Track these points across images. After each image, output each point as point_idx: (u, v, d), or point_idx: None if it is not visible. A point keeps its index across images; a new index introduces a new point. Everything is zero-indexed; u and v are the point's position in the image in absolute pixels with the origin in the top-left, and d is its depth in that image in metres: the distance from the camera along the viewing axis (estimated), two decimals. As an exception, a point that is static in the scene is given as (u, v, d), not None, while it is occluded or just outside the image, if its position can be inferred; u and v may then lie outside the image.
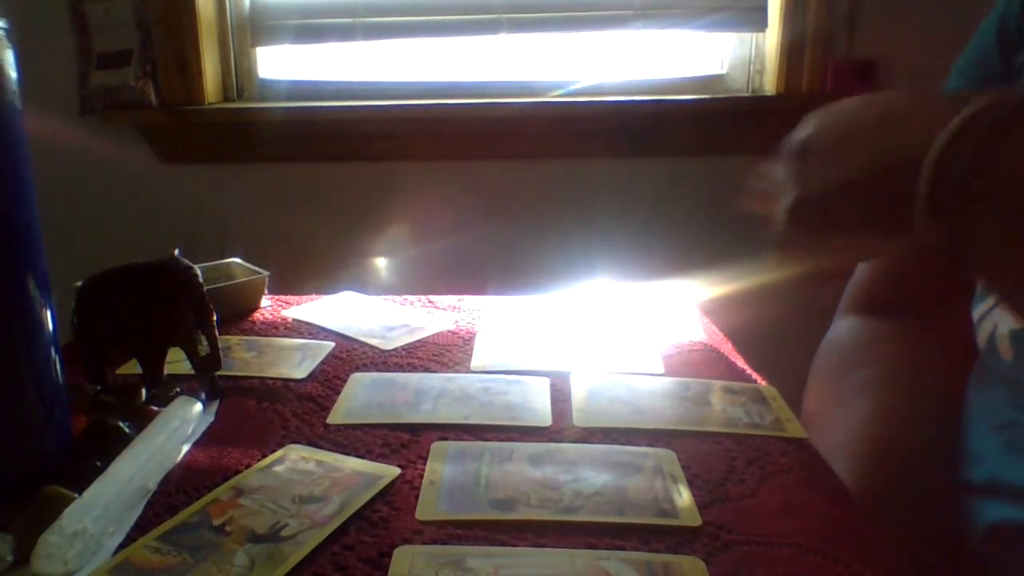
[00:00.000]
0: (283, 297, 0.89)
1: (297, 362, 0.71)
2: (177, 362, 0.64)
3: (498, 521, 0.47)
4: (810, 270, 0.48)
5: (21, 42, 0.47)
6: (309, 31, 1.47)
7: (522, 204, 1.50)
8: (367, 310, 0.86)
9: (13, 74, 0.46)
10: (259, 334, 0.78)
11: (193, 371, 0.63)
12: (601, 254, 1.47)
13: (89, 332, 0.60)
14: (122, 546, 0.44)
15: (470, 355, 0.73)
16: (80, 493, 0.46)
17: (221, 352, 0.63)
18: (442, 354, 0.73)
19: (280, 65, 1.54)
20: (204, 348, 0.62)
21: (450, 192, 1.51)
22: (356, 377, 0.68)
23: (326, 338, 0.77)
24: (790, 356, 0.81)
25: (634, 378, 0.68)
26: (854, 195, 0.42)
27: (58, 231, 1.34)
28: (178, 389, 0.62)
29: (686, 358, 0.73)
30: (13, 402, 0.48)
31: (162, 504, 0.49)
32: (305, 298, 0.89)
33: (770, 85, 1.44)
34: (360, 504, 0.48)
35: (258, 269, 0.87)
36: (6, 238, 0.46)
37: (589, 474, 0.52)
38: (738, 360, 0.74)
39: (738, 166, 1.70)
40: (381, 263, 1.53)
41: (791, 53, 1.40)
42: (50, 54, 1.42)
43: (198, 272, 0.62)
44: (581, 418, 0.60)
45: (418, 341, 0.77)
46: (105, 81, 1.43)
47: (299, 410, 0.62)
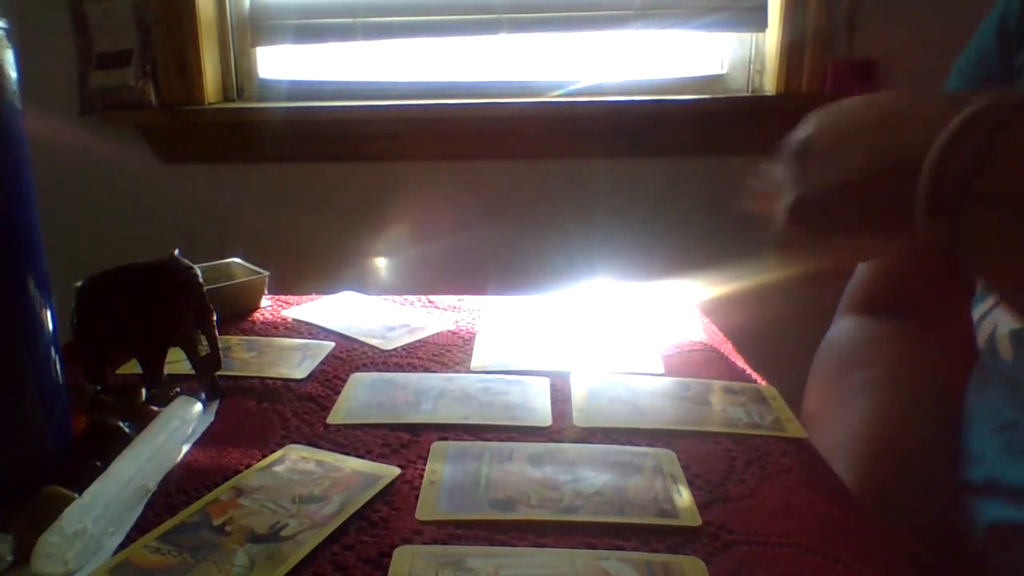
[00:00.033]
0: (283, 297, 0.89)
1: (297, 362, 0.71)
2: (177, 362, 0.64)
3: (498, 521, 0.47)
4: (810, 270, 0.48)
5: (21, 42, 0.47)
6: (309, 31, 1.47)
7: (522, 204, 1.50)
8: (367, 310, 0.86)
9: (13, 74, 0.46)
10: (259, 334, 0.78)
11: (193, 371, 0.63)
12: (601, 254, 1.47)
13: (89, 332, 0.60)
14: (122, 546, 0.45)
15: (470, 355, 0.73)
16: (80, 493, 0.46)
17: (221, 352, 0.63)
18: (442, 354, 0.73)
19: (280, 65, 1.54)
20: (204, 348, 0.62)
21: (450, 192, 1.51)
22: (356, 377, 0.68)
23: (326, 338, 0.77)
24: (790, 356, 0.81)
25: (634, 378, 0.68)
26: (854, 195, 0.43)
27: (58, 231, 1.34)
28: (178, 389, 0.62)
29: (686, 358, 0.73)
30: (13, 402, 0.48)
31: (162, 504, 0.49)
32: (305, 298, 0.89)
33: (770, 85, 1.44)
34: (360, 504, 0.48)
35: (258, 269, 0.87)
36: (6, 238, 0.47)
37: (589, 474, 0.52)
38: (738, 360, 0.74)
39: (738, 166, 1.70)
40: (381, 263, 1.53)
41: (791, 53, 1.40)
42: (50, 54, 1.42)
43: (198, 272, 0.62)
44: (581, 418, 0.60)
45: (418, 341, 0.77)
46: (105, 81, 1.43)
47: (299, 410, 0.62)
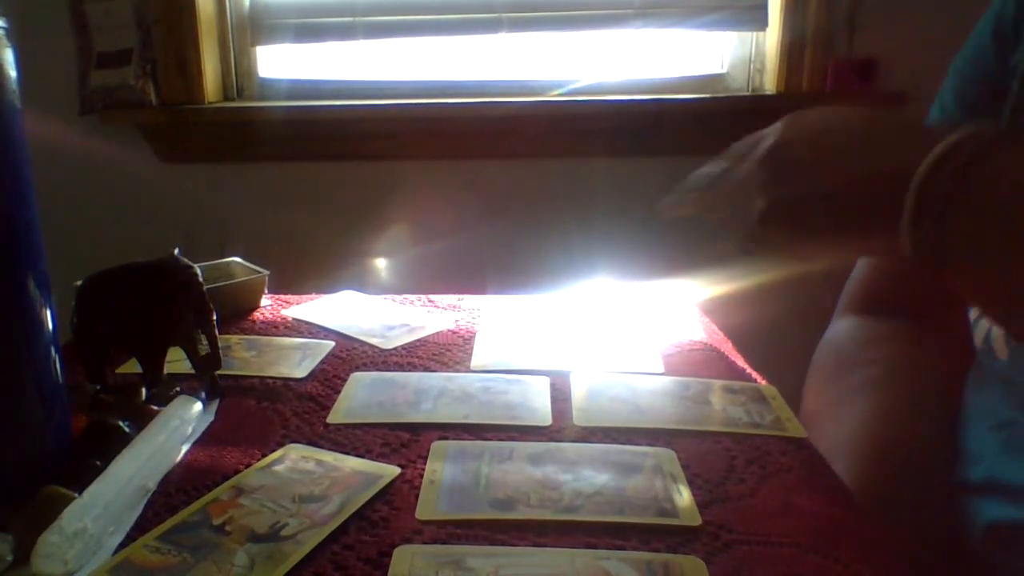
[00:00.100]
0: (283, 296, 0.89)
1: (297, 361, 0.71)
2: (177, 362, 0.64)
3: (498, 521, 0.47)
4: (778, 271, 0.49)
5: (21, 42, 0.47)
6: (309, 30, 1.47)
7: (522, 204, 1.50)
8: (367, 309, 0.86)
9: (13, 74, 0.46)
10: (259, 333, 0.78)
11: (193, 371, 0.63)
12: (601, 254, 1.47)
13: (89, 332, 0.60)
14: (122, 546, 0.45)
15: (470, 354, 0.73)
16: (80, 493, 0.46)
17: (221, 351, 0.63)
18: (442, 353, 0.73)
19: (280, 64, 1.54)
20: (204, 348, 0.62)
21: (450, 192, 1.51)
22: (356, 376, 0.68)
23: (326, 337, 0.77)
24: (790, 356, 0.81)
25: (634, 377, 0.68)
26: (831, 206, 0.43)
27: (58, 231, 1.34)
28: (178, 389, 0.62)
29: (686, 357, 0.73)
30: (13, 402, 0.48)
31: (162, 504, 0.49)
32: (305, 297, 0.89)
33: (770, 84, 1.44)
34: (360, 504, 0.48)
35: (258, 268, 0.87)
36: (6, 238, 0.46)
37: (589, 474, 0.52)
38: (738, 360, 0.74)
39: (738, 165, 1.66)
40: (381, 263, 1.53)
41: (791, 52, 1.40)
42: (50, 54, 1.42)
43: (198, 272, 0.62)
44: (581, 418, 0.60)
45: (418, 340, 0.77)
46: (105, 80, 1.43)
47: (299, 409, 0.62)
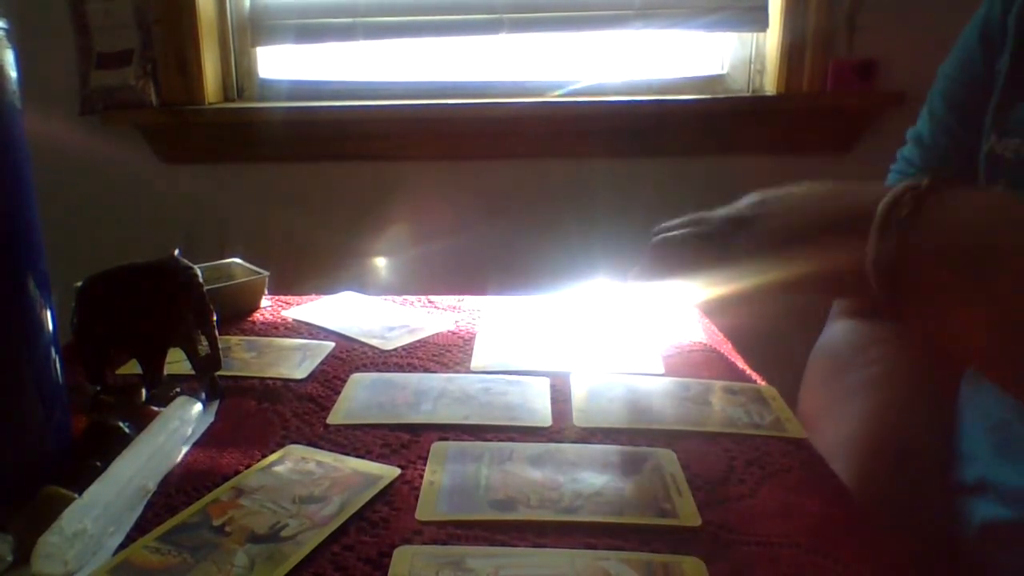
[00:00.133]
0: (283, 297, 0.89)
1: (297, 362, 0.71)
2: (177, 362, 0.64)
3: (498, 521, 0.47)
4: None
5: (21, 42, 0.47)
6: (309, 31, 1.47)
7: (522, 204, 1.50)
8: (367, 310, 0.86)
9: (13, 74, 0.46)
10: (259, 334, 0.78)
11: (193, 371, 0.63)
12: (601, 254, 1.47)
13: (89, 332, 0.60)
14: (122, 546, 0.44)
15: (470, 355, 0.73)
16: (80, 493, 0.46)
17: (221, 352, 0.63)
18: (442, 354, 0.73)
19: (280, 65, 1.54)
20: (204, 348, 0.62)
21: (450, 192, 1.51)
22: (356, 377, 0.68)
23: (326, 338, 0.77)
24: (790, 356, 0.81)
25: (634, 378, 0.68)
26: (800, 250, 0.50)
27: (58, 231, 1.34)
28: (178, 389, 0.62)
29: (686, 358, 0.73)
30: (13, 402, 0.48)
31: (162, 504, 0.49)
32: (305, 298, 0.89)
33: (771, 85, 1.44)
34: (360, 504, 0.48)
35: (258, 269, 0.87)
36: (6, 238, 0.46)
37: (589, 474, 0.52)
38: (738, 360, 0.74)
39: (739, 166, 1.70)
40: (381, 263, 1.53)
41: (792, 53, 1.40)
42: (50, 54, 1.42)
43: (198, 272, 0.62)
44: (581, 418, 0.60)
45: (418, 341, 0.77)
46: (105, 81, 1.43)
47: (299, 410, 0.62)
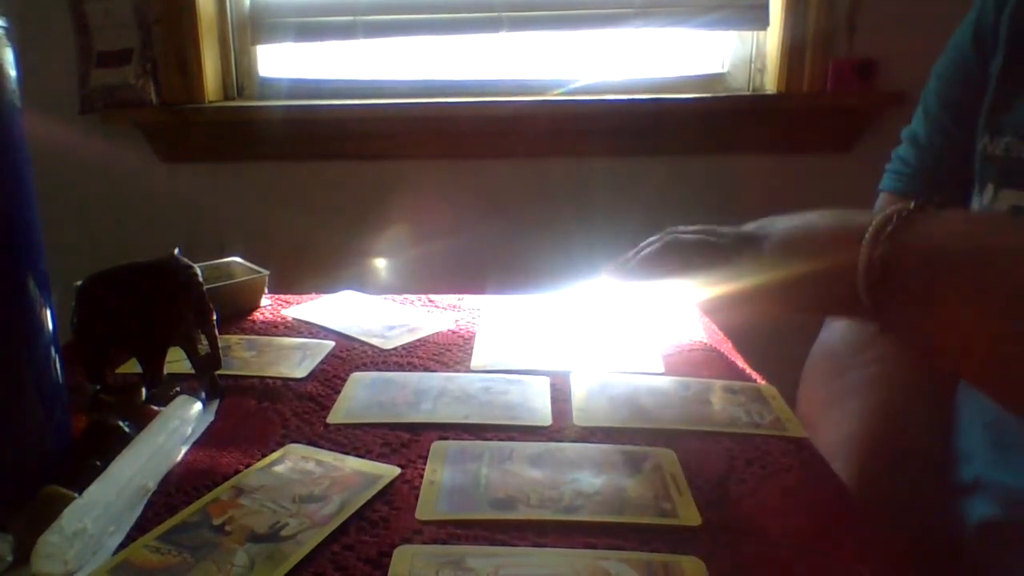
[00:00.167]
0: (283, 296, 0.89)
1: (297, 361, 0.71)
2: (177, 362, 0.64)
3: (498, 521, 0.47)
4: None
5: (21, 42, 0.47)
6: (309, 29, 1.47)
7: (522, 203, 1.50)
8: (367, 309, 0.86)
9: (13, 74, 0.46)
10: (259, 333, 0.78)
11: (193, 371, 0.63)
12: (601, 253, 1.46)
13: (89, 332, 0.60)
14: (122, 546, 0.45)
15: (470, 354, 0.73)
16: (80, 493, 0.46)
17: (221, 351, 0.64)
18: (442, 353, 0.73)
19: (280, 63, 1.54)
20: (204, 348, 0.62)
21: (450, 191, 1.51)
22: (356, 376, 0.68)
23: (326, 337, 0.77)
24: (790, 356, 0.81)
25: (634, 378, 0.68)
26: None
27: (58, 231, 1.34)
28: (178, 389, 0.62)
29: (686, 358, 0.73)
30: (13, 402, 0.48)
31: (162, 504, 0.49)
32: (305, 297, 0.89)
33: (771, 84, 1.44)
34: (360, 504, 0.48)
35: (258, 268, 0.87)
36: (6, 238, 0.46)
37: (589, 474, 0.52)
38: (738, 360, 0.74)
39: (739, 165, 1.69)
40: (381, 263, 1.53)
41: (792, 52, 1.40)
42: (50, 54, 1.42)
43: (198, 272, 0.62)
44: (581, 418, 0.60)
45: (418, 340, 0.77)
46: (106, 79, 1.43)
47: (299, 410, 0.62)
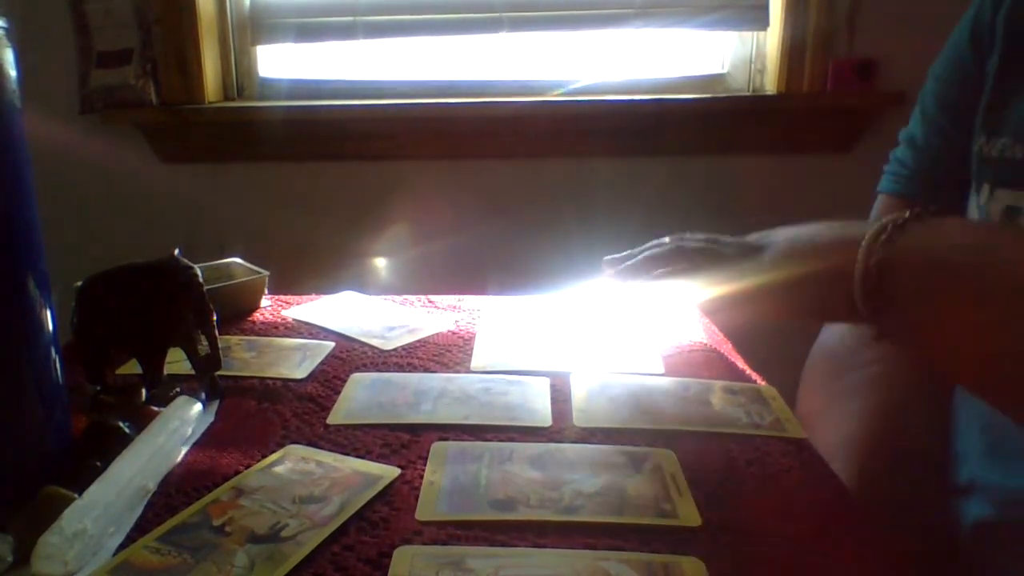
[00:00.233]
0: (283, 297, 0.89)
1: (297, 362, 0.71)
2: (177, 362, 0.64)
3: (498, 521, 0.47)
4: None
5: (21, 42, 0.47)
6: (309, 30, 1.47)
7: (522, 203, 1.50)
8: (367, 310, 0.86)
9: (13, 74, 0.46)
10: (259, 334, 0.78)
11: (193, 371, 0.63)
12: (602, 254, 1.46)
13: (89, 332, 0.60)
14: (122, 547, 0.45)
15: (470, 355, 0.73)
16: (80, 493, 0.46)
17: (221, 352, 0.63)
18: (442, 354, 0.73)
19: (280, 64, 1.54)
20: (204, 348, 0.62)
21: (450, 191, 1.51)
22: (356, 377, 0.67)
23: (326, 338, 0.77)
24: (790, 356, 0.81)
25: (634, 378, 0.68)
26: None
27: (58, 231, 1.34)
28: (178, 389, 0.62)
29: (686, 358, 0.73)
30: (13, 402, 0.48)
31: (162, 504, 0.49)
32: (305, 298, 0.89)
33: (771, 84, 1.44)
34: (360, 504, 0.48)
35: (258, 269, 0.87)
36: (6, 238, 0.46)
37: (589, 474, 0.52)
38: (738, 360, 0.74)
39: (739, 165, 1.69)
40: (381, 263, 1.53)
41: (792, 52, 1.40)
42: (50, 54, 1.42)
43: (198, 272, 0.62)
44: (581, 418, 0.60)
45: (418, 341, 0.77)
46: (106, 80, 1.43)
47: (299, 410, 0.62)
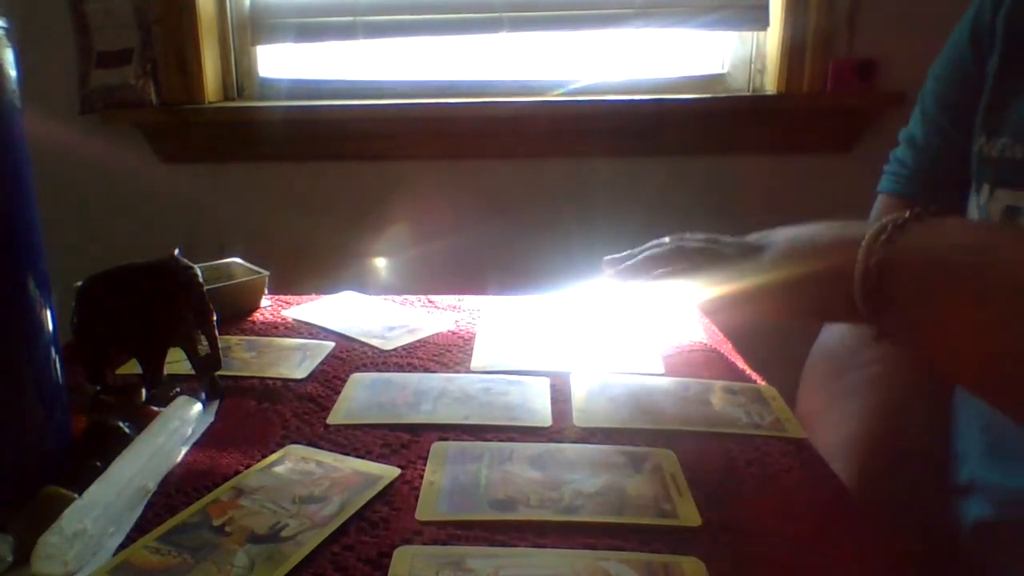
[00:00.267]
0: (283, 297, 0.89)
1: (297, 362, 0.71)
2: (177, 362, 0.64)
3: (498, 521, 0.47)
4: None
5: (21, 42, 0.47)
6: (309, 30, 1.47)
7: (523, 203, 1.50)
8: (367, 310, 0.86)
9: (13, 74, 0.46)
10: (259, 334, 0.78)
11: (193, 371, 0.63)
12: (602, 254, 1.46)
13: (89, 332, 0.60)
14: (122, 547, 0.45)
15: (470, 355, 0.73)
16: (80, 493, 0.46)
17: (221, 352, 0.63)
18: (442, 354, 0.73)
19: (280, 64, 1.54)
20: (204, 348, 0.62)
21: (450, 191, 1.51)
22: (356, 377, 0.68)
23: (326, 338, 0.77)
24: (790, 356, 0.81)
25: (634, 378, 0.68)
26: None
27: (58, 231, 1.34)
28: (178, 389, 0.62)
29: (686, 358, 0.73)
30: (13, 402, 0.48)
31: (162, 504, 0.49)
32: (305, 298, 0.89)
33: (771, 84, 1.44)
34: (360, 504, 0.48)
35: (258, 269, 0.87)
36: (6, 238, 0.46)
37: (589, 474, 0.52)
38: (738, 360, 0.74)
39: (739, 165, 1.69)
40: (381, 263, 1.53)
41: (792, 52, 1.40)
42: (50, 54, 1.42)
43: (198, 272, 0.62)
44: (581, 418, 0.60)
45: (418, 341, 0.77)
46: (106, 80, 1.43)
47: (299, 410, 0.62)
